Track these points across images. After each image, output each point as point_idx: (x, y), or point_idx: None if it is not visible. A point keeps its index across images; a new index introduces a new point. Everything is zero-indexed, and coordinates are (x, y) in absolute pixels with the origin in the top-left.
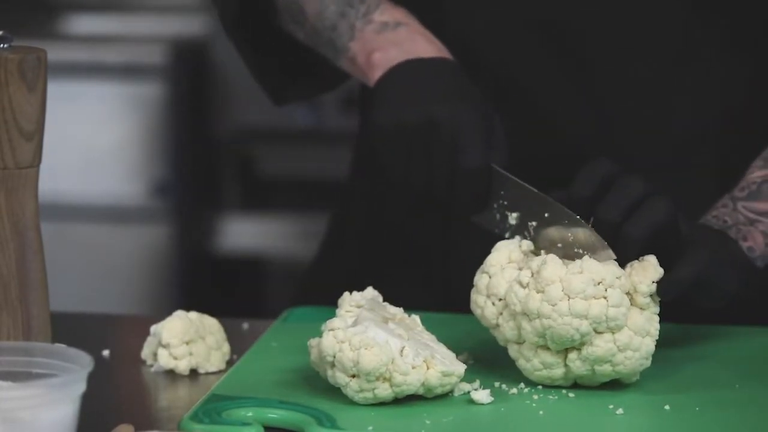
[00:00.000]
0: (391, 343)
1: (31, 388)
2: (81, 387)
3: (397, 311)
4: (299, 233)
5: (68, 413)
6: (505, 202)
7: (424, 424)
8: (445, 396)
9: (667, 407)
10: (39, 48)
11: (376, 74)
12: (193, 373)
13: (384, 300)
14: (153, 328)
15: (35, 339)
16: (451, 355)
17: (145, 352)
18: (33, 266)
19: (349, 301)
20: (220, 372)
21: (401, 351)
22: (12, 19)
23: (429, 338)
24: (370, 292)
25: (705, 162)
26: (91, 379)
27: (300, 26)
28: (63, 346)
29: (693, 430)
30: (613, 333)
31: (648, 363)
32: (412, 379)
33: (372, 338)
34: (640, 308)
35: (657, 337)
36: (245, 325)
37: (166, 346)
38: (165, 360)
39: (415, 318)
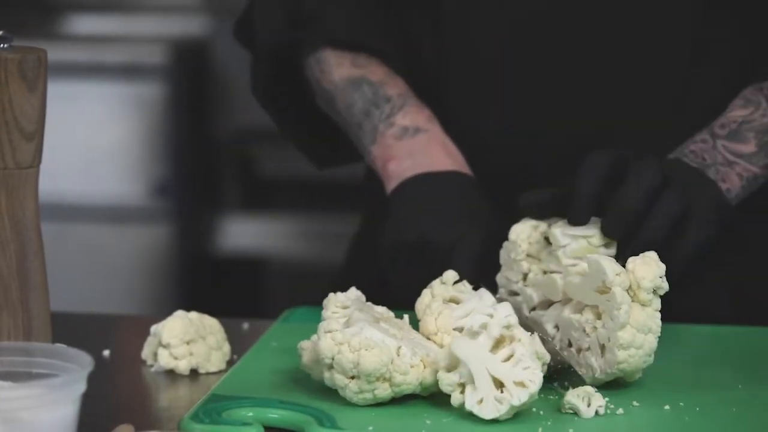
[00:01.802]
0: (388, 343)
1: (32, 388)
2: (81, 387)
3: (384, 311)
4: (299, 233)
5: (68, 413)
6: None
7: (424, 424)
8: (446, 396)
9: (667, 407)
10: (39, 48)
11: (391, 185)
12: (194, 373)
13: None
14: (153, 328)
15: (35, 339)
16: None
17: (146, 352)
18: (33, 266)
19: (335, 301)
20: (220, 372)
21: (398, 351)
22: (12, 19)
23: (419, 337)
24: (354, 292)
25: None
26: (92, 379)
27: (333, 114)
28: (63, 346)
29: (693, 430)
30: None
31: (651, 360)
32: (411, 379)
33: (371, 339)
34: (642, 305)
35: (659, 334)
36: (245, 325)
37: (166, 346)
38: (165, 360)
39: (405, 317)
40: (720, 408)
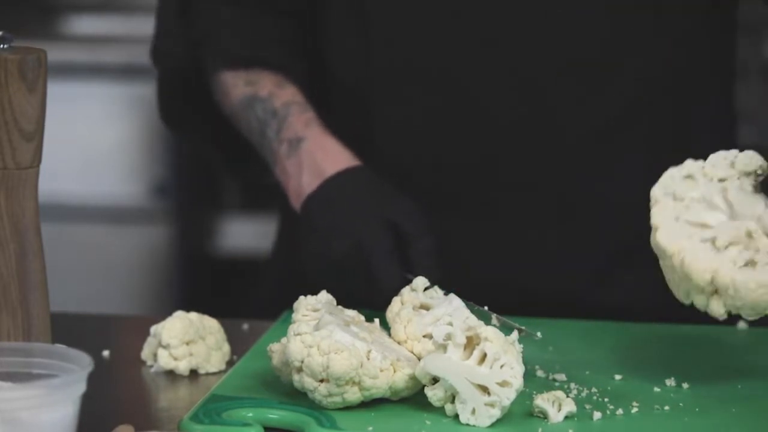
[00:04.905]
0: (358, 347)
1: (31, 388)
2: (81, 388)
3: (354, 314)
4: None
5: (68, 414)
6: None
7: (424, 424)
8: None
9: (667, 408)
10: (39, 48)
11: (297, 208)
12: (193, 373)
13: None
14: (153, 329)
15: (35, 339)
16: (414, 357)
17: (145, 353)
18: (33, 267)
19: (305, 304)
20: (220, 372)
21: (368, 354)
22: (12, 19)
23: (389, 341)
24: (325, 295)
25: (635, 135)
26: (91, 379)
27: (244, 134)
28: (63, 346)
29: (693, 430)
30: None
31: None
32: (380, 383)
33: (341, 342)
34: None
35: None
36: (245, 326)
37: (166, 347)
38: (165, 360)
39: (376, 321)
40: (720, 408)
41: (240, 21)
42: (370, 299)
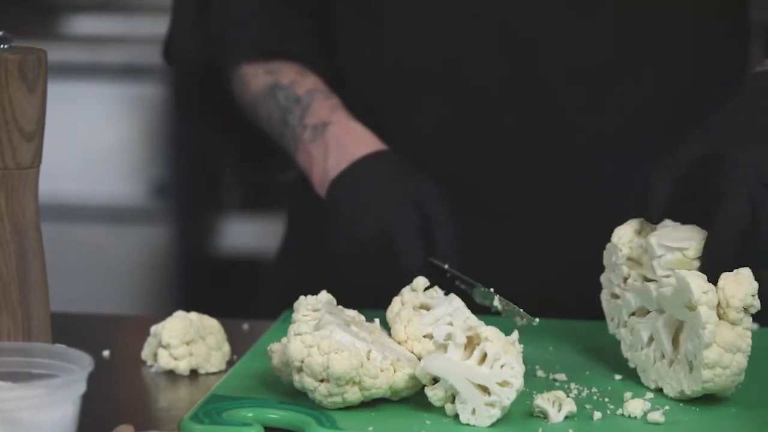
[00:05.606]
0: (358, 347)
1: (32, 388)
2: (81, 387)
3: (354, 314)
4: None
5: (68, 414)
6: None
7: (424, 424)
8: None
9: (667, 407)
10: (39, 48)
11: (321, 192)
12: (193, 373)
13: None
14: (153, 329)
15: (35, 339)
16: (414, 357)
17: (146, 353)
18: (33, 267)
19: (305, 304)
20: (220, 372)
21: (368, 354)
22: (12, 19)
23: (389, 341)
24: (325, 295)
25: (646, 139)
26: (92, 379)
27: (262, 127)
28: (63, 346)
29: (693, 430)
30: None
31: (741, 379)
32: (381, 383)
33: (341, 342)
34: (732, 323)
35: (749, 353)
36: (245, 326)
37: (166, 347)
38: (165, 360)
39: (376, 321)
40: (719, 408)
41: (260, 13)
42: (394, 280)
